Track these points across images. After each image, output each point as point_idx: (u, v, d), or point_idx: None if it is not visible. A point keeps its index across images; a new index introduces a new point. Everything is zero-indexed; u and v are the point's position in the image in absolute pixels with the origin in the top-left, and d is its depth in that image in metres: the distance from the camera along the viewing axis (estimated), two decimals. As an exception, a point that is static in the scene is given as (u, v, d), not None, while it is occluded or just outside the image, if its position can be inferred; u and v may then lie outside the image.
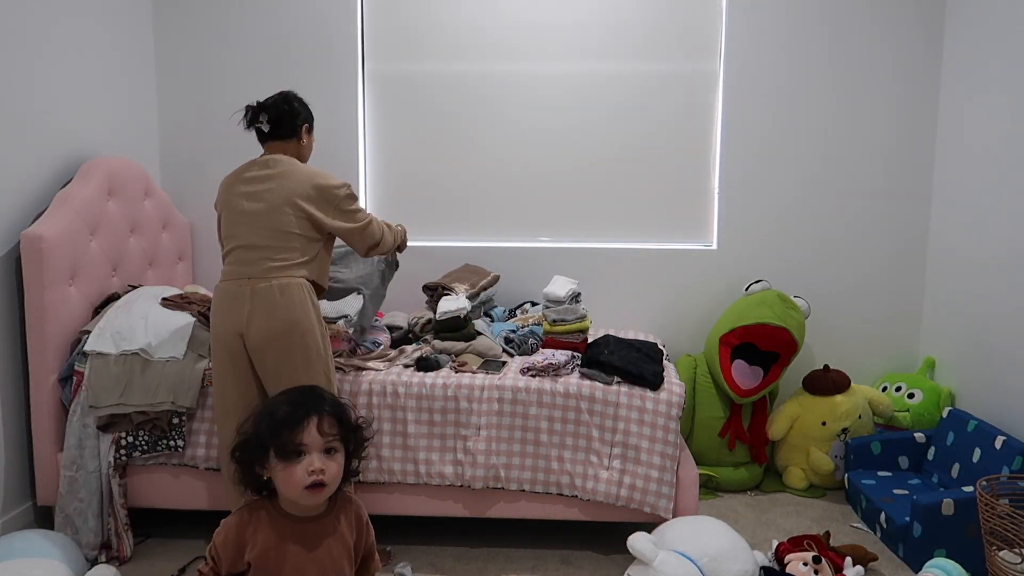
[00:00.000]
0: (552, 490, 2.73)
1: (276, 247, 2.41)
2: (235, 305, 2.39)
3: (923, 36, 3.54)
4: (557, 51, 3.66)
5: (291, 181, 2.44)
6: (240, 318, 2.37)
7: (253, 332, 2.36)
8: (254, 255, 2.41)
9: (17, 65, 2.79)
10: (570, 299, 3.27)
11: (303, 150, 2.63)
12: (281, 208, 2.41)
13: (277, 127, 2.53)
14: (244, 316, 2.37)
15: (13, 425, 2.80)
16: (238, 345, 2.40)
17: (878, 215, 3.65)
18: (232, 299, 2.40)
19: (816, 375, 3.46)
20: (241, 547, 1.55)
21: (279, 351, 2.37)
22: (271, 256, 2.41)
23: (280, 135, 2.54)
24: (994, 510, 2.37)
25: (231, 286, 2.41)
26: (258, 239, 2.41)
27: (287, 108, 2.55)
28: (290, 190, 2.43)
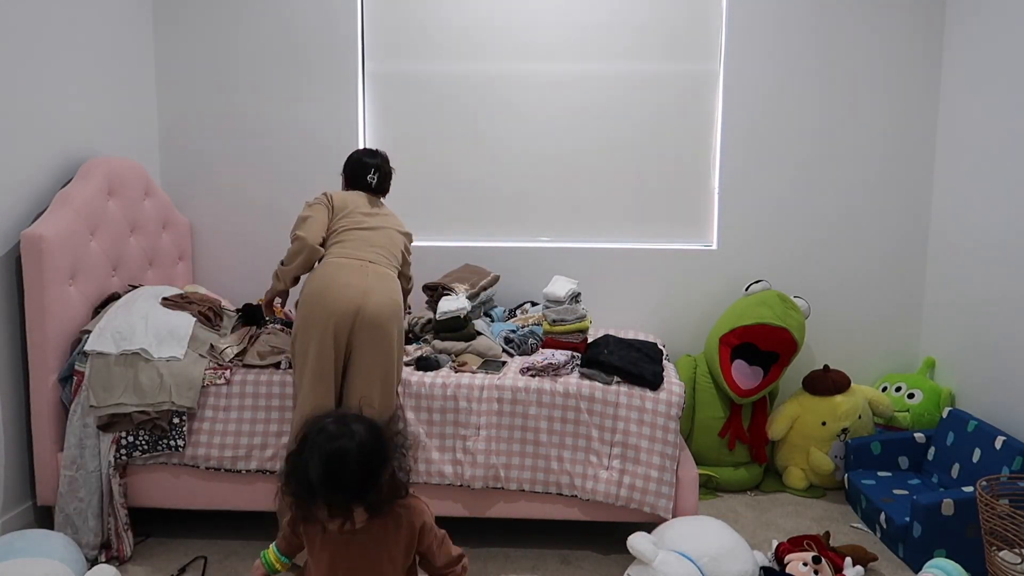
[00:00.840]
0: (552, 490, 2.73)
1: (388, 255, 2.76)
2: (354, 277, 2.59)
3: (923, 35, 3.54)
4: (556, 51, 3.66)
5: (397, 221, 2.89)
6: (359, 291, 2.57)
7: (372, 303, 2.56)
8: (371, 253, 2.70)
9: (17, 65, 2.79)
10: (570, 299, 3.28)
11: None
12: (394, 232, 2.83)
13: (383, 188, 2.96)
14: (362, 289, 2.57)
15: (13, 425, 2.80)
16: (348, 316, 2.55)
17: (878, 215, 3.65)
18: (351, 272, 2.61)
19: (816, 375, 3.46)
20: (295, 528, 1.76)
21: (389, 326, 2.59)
22: (385, 257, 2.74)
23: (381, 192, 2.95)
24: (994, 510, 2.37)
25: (351, 262, 2.64)
26: (376, 242, 2.74)
27: (391, 171, 2.98)
28: (399, 225, 2.88)
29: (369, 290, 2.58)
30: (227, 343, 2.94)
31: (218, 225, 3.80)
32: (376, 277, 2.63)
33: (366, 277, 2.61)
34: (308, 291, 2.58)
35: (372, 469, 1.61)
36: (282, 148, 3.75)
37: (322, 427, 1.64)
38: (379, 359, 2.58)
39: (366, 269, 2.64)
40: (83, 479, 2.71)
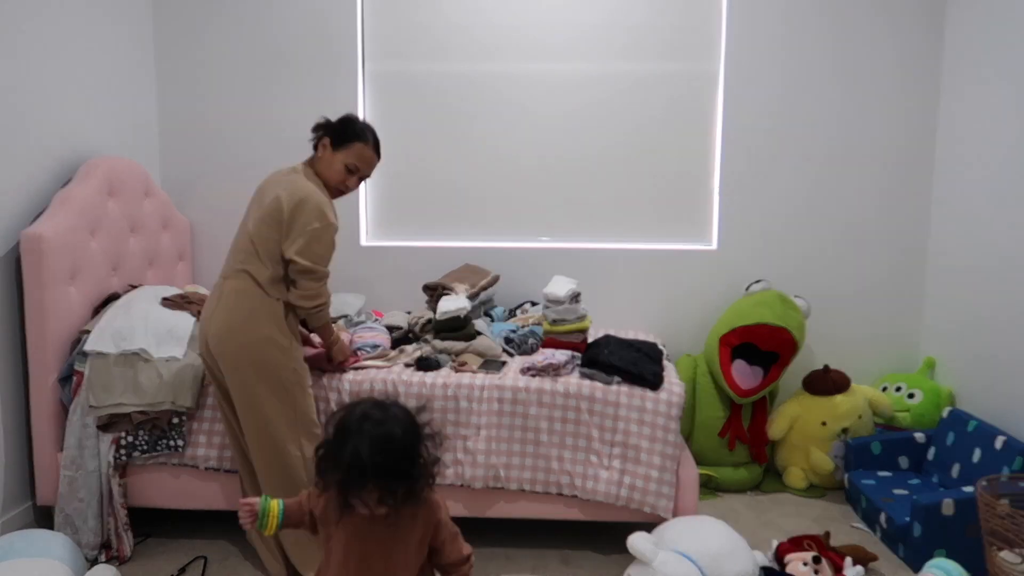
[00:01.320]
0: (552, 490, 2.73)
1: (243, 251, 2.44)
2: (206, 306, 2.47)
3: (924, 36, 3.54)
4: (556, 51, 3.66)
5: (287, 184, 2.43)
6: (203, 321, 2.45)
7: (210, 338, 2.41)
8: (228, 259, 2.50)
9: (17, 65, 2.79)
10: (570, 299, 3.27)
11: (317, 163, 2.55)
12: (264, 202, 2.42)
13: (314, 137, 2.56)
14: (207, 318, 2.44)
15: (13, 425, 2.80)
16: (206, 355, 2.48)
17: (878, 215, 3.65)
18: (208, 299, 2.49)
19: (816, 375, 3.46)
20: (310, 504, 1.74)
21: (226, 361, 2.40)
22: (237, 254, 2.45)
23: (314, 148, 2.56)
24: (994, 510, 2.37)
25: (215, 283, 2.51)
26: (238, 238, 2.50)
27: (322, 121, 2.54)
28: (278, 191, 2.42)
29: (209, 319, 2.39)
30: None
31: (218, 225, 3.80)
32: (217, 299, 2.41)
33: (210, 303, 2.43)
34: None
35: (417, 452, 1.63)
36: (282, 148, 3.74)
37: (364, 413, 1.64)
38: (235, 397, 2.40)
39: (214, 291, 2.44)
40: (83, 479, 2.71)
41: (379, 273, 3.77)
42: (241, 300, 2.38)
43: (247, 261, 2.40)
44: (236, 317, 2.37)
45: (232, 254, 2.48)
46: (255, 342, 2.37)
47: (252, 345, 2.37)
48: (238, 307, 2.38)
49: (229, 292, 2.40)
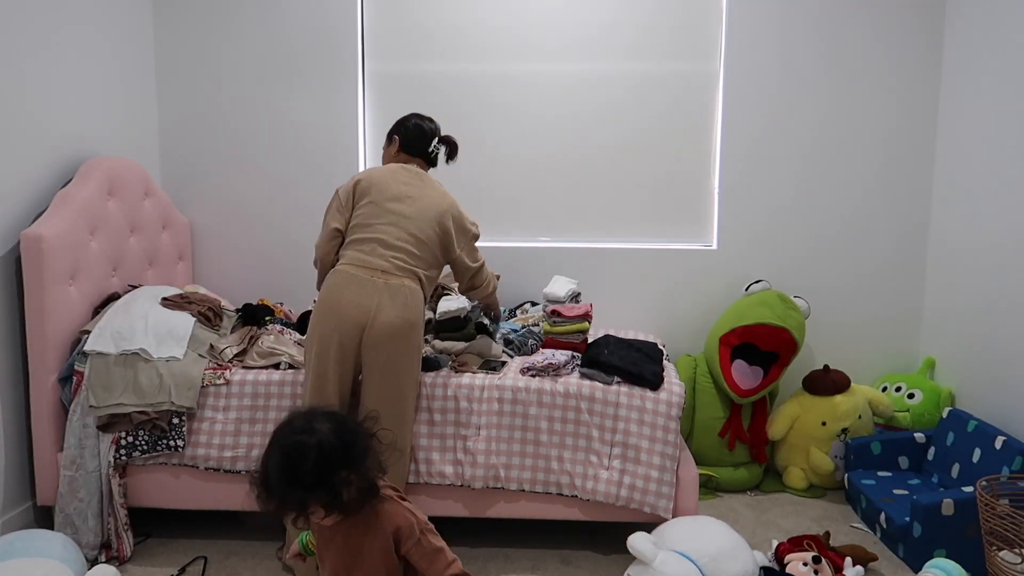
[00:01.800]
0: (552, 490, 2.73)
1: (410, 256, 2.57)
2: (363, 295, 2.48)
3: (923, 35, 3.54)
4: (556, 51, 3.66)
5: (440, 199, 2.65)
6: (366, 310, 2.47)
7: (379, 323, 2.46)
8: (386, 259, 2.53)
9: (17, 65, 2.79)
10: (570, 299, 3.28)
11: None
12: (427, 219, 2.60)
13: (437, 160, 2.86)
14: (369, 308, 2.47)
15: (13, 425, 2.80)
16: (354, 335, 2.48)
17: (878, 215, 3.65)
18: (359, 288, 2.49)
19: (816, 375, 3.46)
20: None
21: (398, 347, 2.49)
22: (406, 261, 2.56)
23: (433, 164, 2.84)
24: (994, 510, 2.37)
25: (360, 274, 2.51)
26: (395, 242, 2.55)
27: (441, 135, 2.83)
28: (438, 207, 2.63)
29: (378, 307, 2.47)
30: (227, 343, 2.94)
31: (218, 225, 3.80)
32: (388, 291, 2.49)
33: (375, 292, 2.48)
34: (319, 301, 2.54)
35: (330, 467, 1.58)
36: (282, 148, 3.75)
37: (289, 421, 1.65)
38: (387, 380, 2.51)
39: (376, 282, 2.49)
40: (83, 479, 2.71)
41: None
42: (416, 298, 2.55)
43: (414, 263, 2.57)
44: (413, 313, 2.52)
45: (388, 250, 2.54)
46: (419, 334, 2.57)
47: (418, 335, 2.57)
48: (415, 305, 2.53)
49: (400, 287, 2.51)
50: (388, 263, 2.53)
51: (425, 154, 2.76)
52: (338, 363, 2.49)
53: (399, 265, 2.54)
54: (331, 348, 2.48)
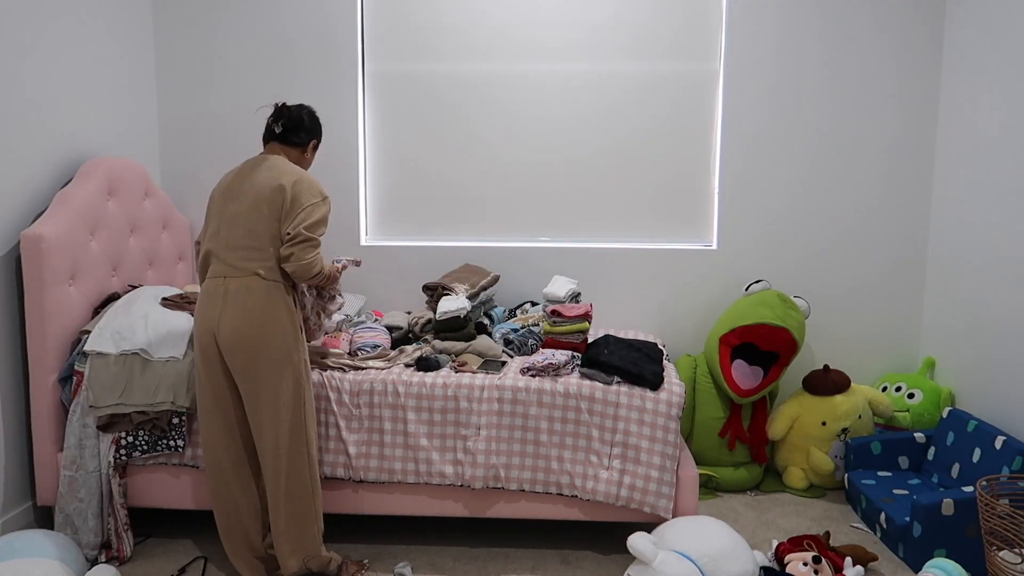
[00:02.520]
0: (552, 490, 2.73)
1: (252, 249, 2.42)
2: (210, 305, 2.42)
3: (923, 36, 3.54)
4: (557, 51, 3.66)
5: (276, 172, 2.44)
6: (213, 320, 2.40)
7: (223, 333, 2.39)
8: (227, 261, 2.43)
9: (17, 65, 2.79)
10: (570, 299, 3.28)
11: (303, 164, 2.66)
12: (259, 206, 2.40)
13: (289, 132, 2.57)
14: (216, 317, 2.40)
15: (13, 425, 2.80)
16: (212, 346, 2.43)
17: (878, 215, 3.65)
18: (208, 297, 2.44)
19: (816, 375, 3.46)
20: None
21: (250, 352, 2.38)
22: (247, 256, 2.42)
23: (288, 141, 2.58)
24: (994, 510, 2.37)
25: (210, 284, 2.46)
26: (235, 240, 2.43)
27: (306, 120, 2.61)
28: (270, 180, 2.42)
29: (220, 317, 2.38)
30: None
31: (218, 225, 3.80)
32: (227, 297, 2.39)
33: (218, 301, 2.40)
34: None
35: None
36: (282, 148, 3.75)
37: None
38: (251, 388, 2.41)
39: (218, 291, 2.40)
40: (83, 479, 2.71)
41: (379, 273, 3.77)
42: (256, 297, 2.39)
43: (250, 257, 2.41)
44: (259, 315, 2.38)
45: (225, 252, 2.43)
46: (275, 335, 2.40)
47: (272, 336, 2.40)
48: (258, 306, 2.39)
49: (238, 290, 2.39)
50: (228, 266, 2.42)
51: (270, 131, 2.57)
52: (207, 377, 2.47)
53: (238, 265, 2.41)
54: (200, 363, 2.48)
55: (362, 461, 2.74)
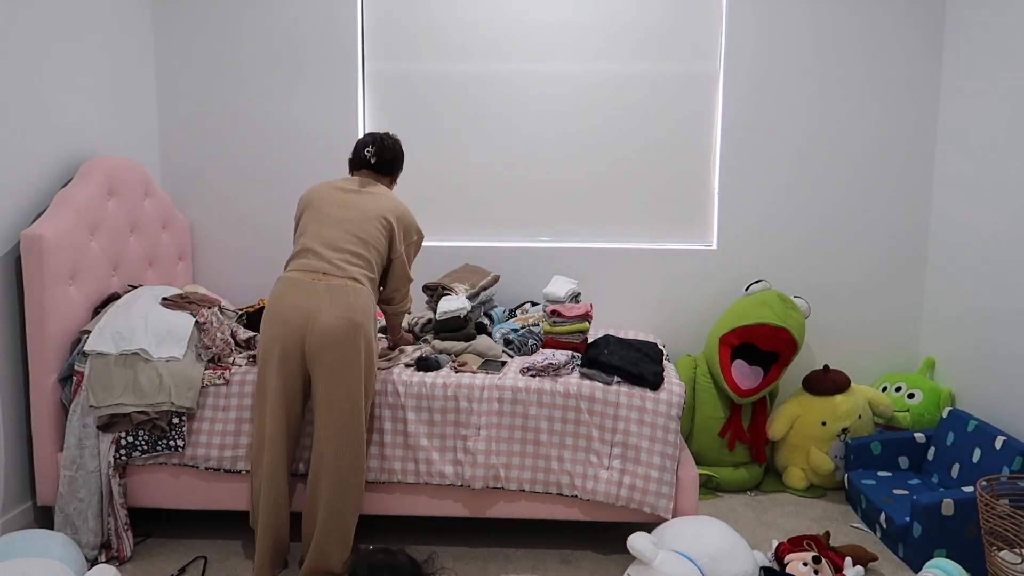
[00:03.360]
0: (552, 490, 2.73)
1: (355, 256, 2.56)
2: (302, 297, 2.47)
3: (923, 35, 3.54)
4: (557, 51, 3.66)
5: (385, 200, 2.65)
6: (306, 312, 2.45)
7: (319, 326, 2.43)
8: (327, 260, 2.52)
9: (17, 65, 2.79)
10: (570, 299, 3.28)
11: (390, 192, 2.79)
12: (370, 222, 2.59)
13: (383, 164, 2.76)
14: (309, 311, 2.45)
15: (13, 425, 2.80)
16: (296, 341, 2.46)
17: (878, 215, 3.65)
18: (300, 290, 2.48)
19: (816, 375, 3.46)
20: None
21: (342, 349, 2.44)
22: (349, 261, 2.54)
23: (382, 171, 2.77)
24: (994, 510, 2.37)
25: (302, 278, 2.51)
26: (339, 243, 2.55)
27: (399, 151, 2.81)
28: (381, 210, 2.62)
29: (318, 310, 2.44)
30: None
31: (218, 225, 3.80)
32: (329, 293, 2.46)
33: (316, 295, 2.46)
34: (265, 310, 2.54)
35: None
36: (282, 148, 3.75)
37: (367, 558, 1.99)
38: (334, 382, 2.46)
39: (317, 285, 2.47)
40: (83, 479, 2.71)
41: (379, 273, 3.77)
42: (361, 299, 2.51)
43: (353, 263, 2.55)
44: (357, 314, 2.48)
45: (328, 251, 2.53)
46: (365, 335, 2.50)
47: (364, 337, 2.49)
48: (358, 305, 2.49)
49: (340, 288, 2.48)
50: (330, 264, 2.51)
51: (363, 160, 2.74)
52: (279, 371, 2.48)
53: (341, 266, 2.52)
54: (273, 355, 2.48)
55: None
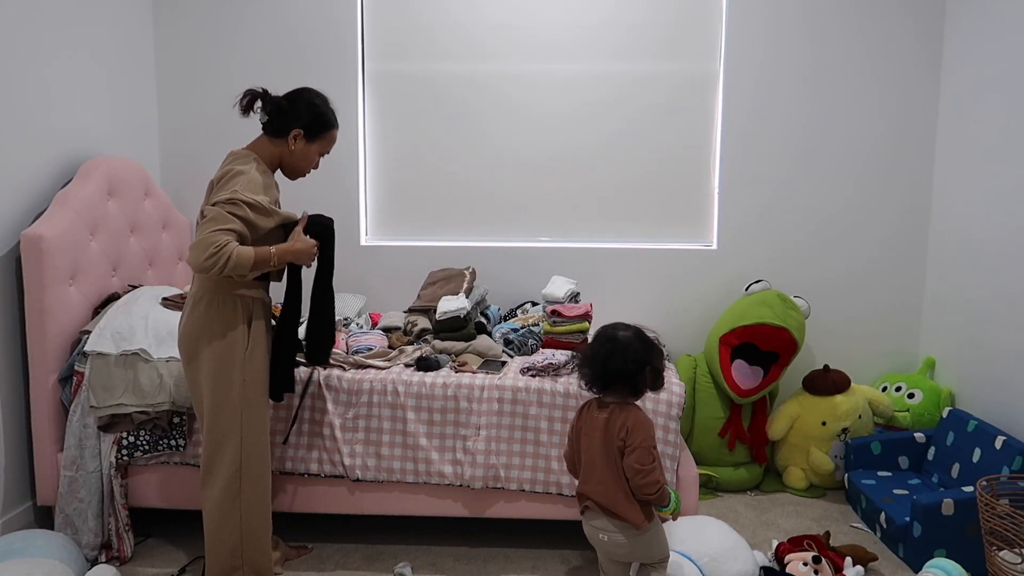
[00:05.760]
0: (552, 490, 2.73)
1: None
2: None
3: (923, 34, 3.54)
4: (557, 52, 3.66)
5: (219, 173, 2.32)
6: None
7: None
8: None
9: (17, 65, 2.79)
10: (569, 299, 3.28)
11: (292, 158, 2.43)
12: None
13: (269, 121, 2.40)
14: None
15: (13, 425, 2.80)
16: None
17: (878, 215, 3.65)
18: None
19: (816, 375, 3.46)
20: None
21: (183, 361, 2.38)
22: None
23: (268, 131, 2.41)
24: (994, 510, 2.37)
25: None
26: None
27: (286, 105, 2.38)
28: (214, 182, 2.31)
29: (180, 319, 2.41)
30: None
31: (218, 225, 3.79)
32: (188, 300, 2.38)
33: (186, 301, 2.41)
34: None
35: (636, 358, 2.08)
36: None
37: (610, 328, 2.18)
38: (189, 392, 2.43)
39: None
40: (83, 479, 2.71)
41: (379, 273, 3.77)
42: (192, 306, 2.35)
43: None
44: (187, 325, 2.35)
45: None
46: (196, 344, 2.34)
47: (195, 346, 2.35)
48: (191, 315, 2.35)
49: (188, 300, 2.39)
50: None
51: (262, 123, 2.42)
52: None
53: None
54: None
55: (361, 460, 2.73)
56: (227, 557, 2.41)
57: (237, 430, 2.37)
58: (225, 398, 2.34)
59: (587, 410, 2.19)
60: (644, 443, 2.06)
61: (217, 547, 2.41)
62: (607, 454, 2.10)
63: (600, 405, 2.15)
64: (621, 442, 2.07)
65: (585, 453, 2.16)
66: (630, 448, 2.06)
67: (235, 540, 2.40)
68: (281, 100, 2.39)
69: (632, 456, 2.05)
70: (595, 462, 2.12)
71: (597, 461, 2.12)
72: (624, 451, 2.07)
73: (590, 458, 2.14)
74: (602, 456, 2.10)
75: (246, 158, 2.36)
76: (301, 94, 2.41)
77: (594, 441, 2.12)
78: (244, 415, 2.37)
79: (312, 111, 2.40)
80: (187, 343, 2.34)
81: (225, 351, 2.32)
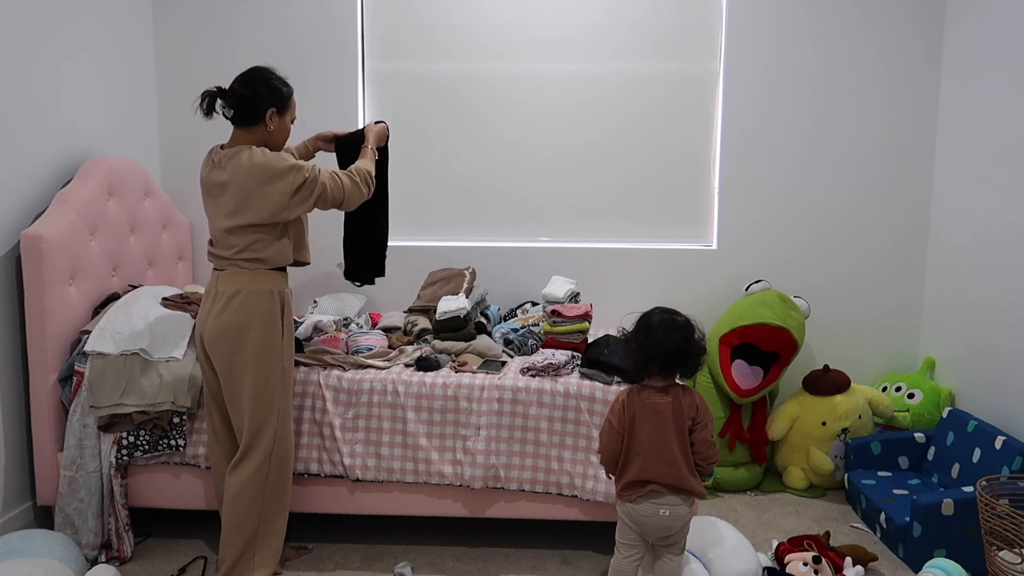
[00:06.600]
0: (552, 490, 2.73)
1: (234, 238, 2.41)
2: (203, 303, 2.51)
3: (923, 34, 3.54)
4: (557, 51, 3.66)
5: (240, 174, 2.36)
6: (201, 319, 2.49)
7: (207, 332, 2.46)
8: (217, 254, 2.48)
9: (17, 65, 2.79)
10: (569, 299, 3.28)
11: (272, 136, 2.48)
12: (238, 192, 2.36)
13: (239, 114, 2.42)
14: (202, 317, 2.48)
15: (13, 425, 2.80)
16: (200, 342, 2.52)
17: (878, 215, 3.65)
18: (204, 295, 2.53)
19: (816, 375, 3.46)
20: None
21: (219, 352, 2.44)
22: (229, 247, 2.42)
23: (243, 123, 2.43)
24: (994, 510, 2.37)
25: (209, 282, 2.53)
26: (217, 230, 2.46)
27: (248, 93, 2.40)
28: (245, 173, 2.35)
29: (207, 315, 2.44)
30: None
31: (218, 225, 3.80)
32: (212, 297, 2.43)
33: (207, 300, 2.46)
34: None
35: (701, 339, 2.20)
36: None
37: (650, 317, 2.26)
38: (227, 382, 2.46)
39: (209, 290, 2.47)
40: (83, 479, 2.71)
41: (379, 273, 3.77)
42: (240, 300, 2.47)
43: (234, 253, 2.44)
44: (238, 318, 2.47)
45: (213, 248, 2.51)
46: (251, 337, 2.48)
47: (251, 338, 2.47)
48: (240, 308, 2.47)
49: (223, 292, 2.47)
50: (219, 253, 2.45)
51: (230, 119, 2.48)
52: (206, 381, 2.58)
53: (224, 259, 2.42)
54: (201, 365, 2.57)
55: (360, 460, 2.73)
56: (248, 537, 2.50)
57: (275, 415, 2.49)
58: (267, 385, 2.46)
59: (636, 398, 2.19)
60: (711, 417, 2.20)
61: (238, 527, 2.48)
62: (679, 434, 2.15)
63: (654, 390, 2.17)
64: (691, 420, 2.15)
65: (648, 439, 2.16)
66: (701, 424, 2.16)
67: (254, 524, 2.51)
68: (241, 90, 2.42)
69: (706, 431, 2.16)
70: (663, 444, 2.14)
71: (666, 443, 2.14)
72: (693, 428, 2.16)
73: (655, 442, 2.15)
74: (674, 438, 2.14)
75: (246, 151, 2.42)
76: (253, 77, 2.45)
77: (659, 425, 2.15)
78: (282, 401, 2.51)
79: (271, 88, 2.45)
80: (229, 336, 2.41)
81: (269, 340, 2.45)
